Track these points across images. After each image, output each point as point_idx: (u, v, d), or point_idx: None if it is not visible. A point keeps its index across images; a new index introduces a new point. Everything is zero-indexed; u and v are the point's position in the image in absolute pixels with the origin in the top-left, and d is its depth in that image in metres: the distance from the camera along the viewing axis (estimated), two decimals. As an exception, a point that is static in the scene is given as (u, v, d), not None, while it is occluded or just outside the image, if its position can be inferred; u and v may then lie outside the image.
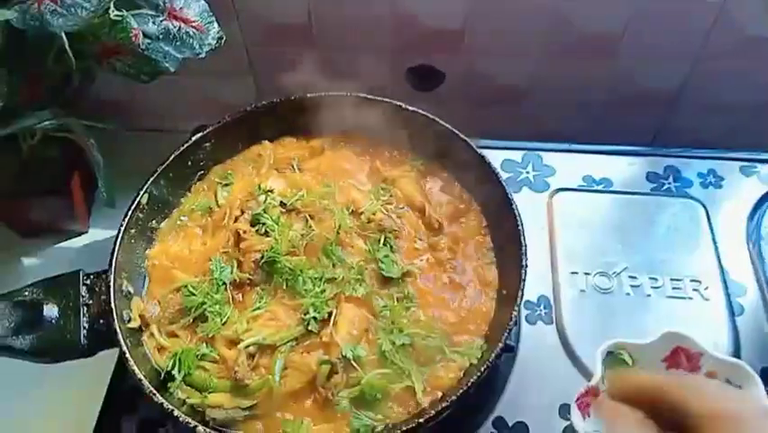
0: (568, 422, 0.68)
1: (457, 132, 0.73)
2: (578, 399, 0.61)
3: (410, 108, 0.75)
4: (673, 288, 0.76)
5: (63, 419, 0.74)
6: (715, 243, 0.80)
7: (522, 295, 0.62)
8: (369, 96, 0.76)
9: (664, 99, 0.97)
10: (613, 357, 0.63)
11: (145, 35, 0.73)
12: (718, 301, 0.75)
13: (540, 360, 0.72)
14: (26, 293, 0.62)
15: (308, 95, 0.76)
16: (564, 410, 0.69)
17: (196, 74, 0.93)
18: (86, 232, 0.96)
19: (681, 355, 0.64)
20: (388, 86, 0.94)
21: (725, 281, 0.77)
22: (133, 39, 0.71)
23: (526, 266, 0.64)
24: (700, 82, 0.94)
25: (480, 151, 0.72)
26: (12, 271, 0.90)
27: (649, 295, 0.76)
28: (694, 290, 0.76)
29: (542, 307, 0.76)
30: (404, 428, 0.56)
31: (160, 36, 0.74)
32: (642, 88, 0.96)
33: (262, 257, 0.67)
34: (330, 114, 0.77)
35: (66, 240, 0.95)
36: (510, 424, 0.68)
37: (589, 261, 0.79)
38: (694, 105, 0.97)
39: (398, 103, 0.75)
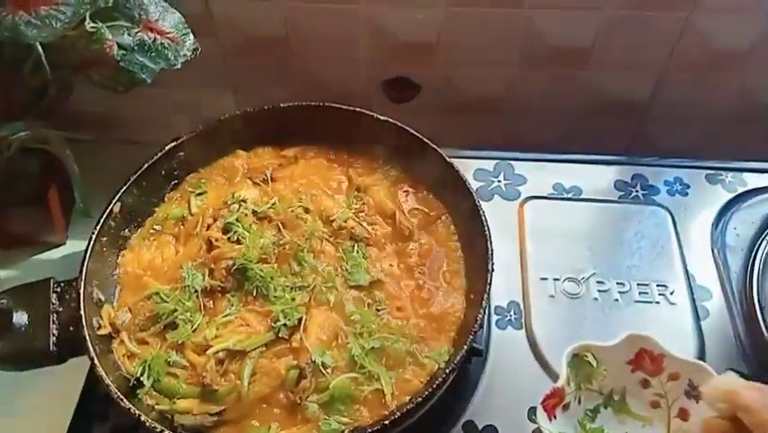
0: (537, 425, 0.69)
1: (428, 141, 0.74)
2: (544, 400, 0.62)
3: (382, 118, 0.76)
4: (640, 293, 0.78)
5: (35, 426, 0.74)
6: (681, 249, 0.82)
7: (488, 297, 0.64)
8: (341, 106, 0.77)
9: (635, 109, 0.99)
10: (579, 359, 0.65)
11: (120, 47, 0.74)
12: (684, 305, 0.77)
13: (510, 364, 0.73)
14: (-4, 301, 0.63)
15: (281, 104, 0.78)
16: (533, 413, 0.69)
17: (174, 86, 0.94)
18: (64, 243, 0.96)
19: (645, 357, 0.65)
20: (364, 97, 0.95)
21: (690, 286, 0.78)
22: (108, 50, 0.72)
23: (493, 270, 0.65)
24: (669, 93, 0.97)
25: (449, 160, 0.74)
26: (-13, 282, 0.90)
27: (617, 300, 0.77)
28: (660, 294, 0.78)
29: (512, 312, 0.77)
30: (370, 430, 0.57)
31: (135, 47, 0.75)
32: (612, 99, 0.98)
33: (234, 264, 0.68)
34: (303, 123, 0.79)
35: (43, 251, 0.95)
36: (480, 427, 0.69)
37: (559, 267, 0.80)
38: (663, 115, 1.00)
39: (370, 112, 0.77)
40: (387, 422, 0.57)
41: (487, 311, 0.71)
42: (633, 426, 0.65)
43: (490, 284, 0.65)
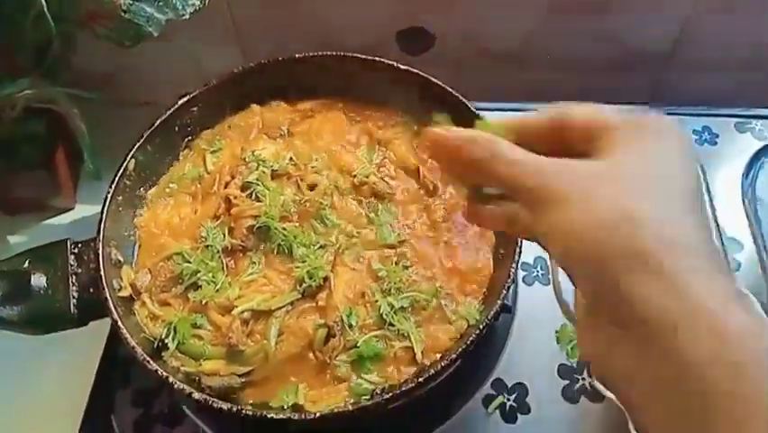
0: (567, 381, 0.68)
1: (452, 90, 0.71)
2: None
3: (402, 67, 0.73)
4: (670, 245, 0.76)
5: (56, 391, 0.73)
6: (710, 200, 0.79)
7: (519, 252, 0.61)
8: (360, 56, 0.74)
9: (658, 58, 0.96)
10: None
11: (127, -5, 0.71)
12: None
13: (537, 321, 0.71)
14: (12, 263, 0.61)
15: (297, 55, 0.74)
16: (563, 370, 0.68)
17: (181, 43, 0.91)
18: (73, 208, 0.94)
19: None
20: (378, 50, 0.92)
21: (721, 238, 0.76)
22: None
23: (523, 224, 0.63)
24: (693, 40, 0.93)
25: (475, 109, 0.71)
26: (-2, 248, 0.88)
27: (646, 253, 0.75)
28: (691, 246, 0.75)
29: (538, 268, 0.75)
30: (404, 388, 0.55)
31: (143, -3, 0.72)
32: (634, 47, 0.94)
33: (256, 223, 0.66)
34: (319, 75, 0.75)
35: (52, 216, 0.93)
36: (509, 385, 0.68)
37: (586, 221, 0.78)
38: (688, 62, 0.96)
39: (391, 62, 0.73)
40: (421, 379, 0.56)
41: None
42: None
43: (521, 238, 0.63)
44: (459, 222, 0.69)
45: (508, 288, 0.60)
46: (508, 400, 0.67)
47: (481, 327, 0.59)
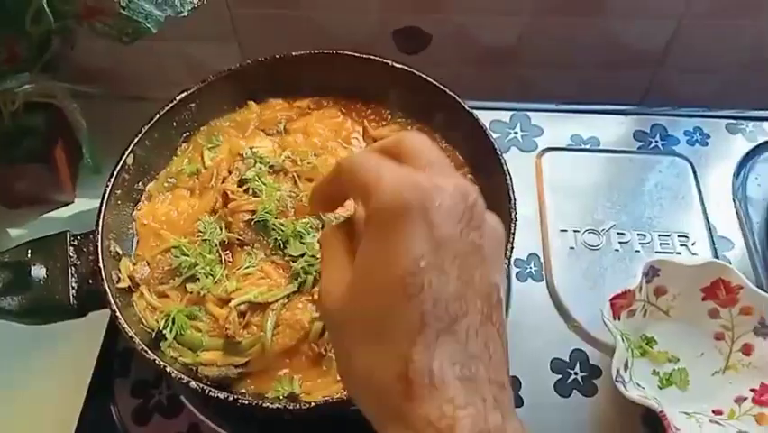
0: (559, 376, 0.69)
1: (445, 88, 0.72)
2: (613, 298, 0.63)
3: (398, 65, 0.74)
4: (661, 243, 0.77)
5: (58, 379, 0.74)
6: (702, 199, 0.81)
7: (512, 248, 0.62)
8: (356, 54, 0.75)
9: (651, 59, 0.97)
10: (653, 273, 0.65)
11: (126, -8, 0.71)
12: (705, 256, 0.76)
13: (530, 316, 0.73)
14: (12, 254, 0.61)
15: (294, 53, 0.75)
16: (556, 364, 0.69)
17: (179, 40, 0.92)
18: (73, 201, 0.95)
19: (721, 287, 0.65)
20: (374, 48, 0.93)
21: (711, 237, 0.78)
22: (114, -4, 0.70)
23: (516, 220, 0.64)
24: (686, 42, 0.94)
25: (468, 108, 0.72)
26: (-3, 241, 0.89)
27: (638, 251, 0.76)
28: (682, 245, 0.77)
29: (532, 264, 0.76)
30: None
31: (142, -6, 0.72)
32: (628, 47, 0.95)
33: (254, 218, 0.67)
34: (316, 72, 0.76)
35: (52, 210, 0.94)
36: (502, 379, 0.68)
37: (578, 218, 0.79)
38: (680, 64, 0.97)
39: (386, 60, 0.74)
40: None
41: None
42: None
43: (514, 234, 0.63)
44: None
45: (501, 282, 0.61)
46: (501, 393, 0.68)
47: (474, 320, 0.60)
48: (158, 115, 0.71)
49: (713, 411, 0.63)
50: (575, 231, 0.78)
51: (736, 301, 0.64)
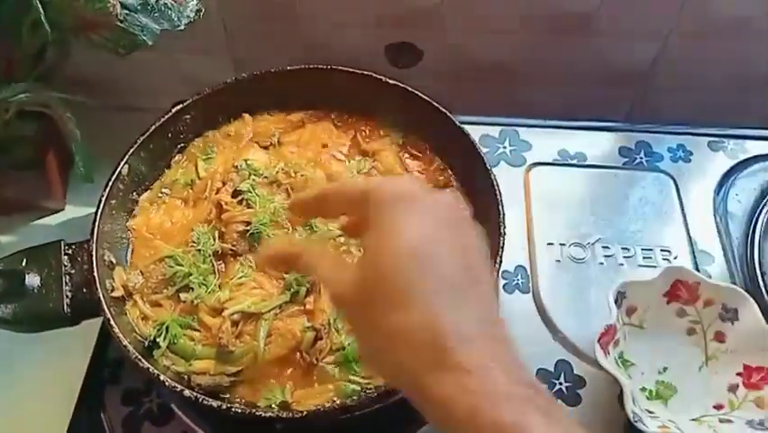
0: (544, 386, 0.70)
1: (437, 104, 0.74)
2: (599, 338, 0.64)
3: (391, 81, 0.75)
4: (644, 257, 0.79)
5: (49, 387, 0.74)
6: (684, 215, 0.83)
7: (500, 261, 0.64)
8: (349, 69, 0.76)
9: (637, 77, 1.00)
10: (621, 297, 0.68)
11: (123, 6, 0.72)
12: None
13: (517, 327, 0.73)
14: (7, 263, 0.62)
15: (288, 67, 0.76)
16: (541, 374, 0.71)
17: (174, 52, 0.93)
18: (63, 209, 0.95)
19: (681, 288, 0.68)
20: (367, 64, 0.94)
21: (693, 251, 0.80)
22: (111, 9, 0.71)
23: (505, 234, 0.66)
24: (670, 61, 0.97)
25: (459, 123, 0.74)
26: (-12, 247, 0.89)
27: (621, 264, 0.78)
28: (664, 259, 0.79)
29: (519, 276, 0.77)
30: (386, 389, 0.57)
31: (139, 7, 0.73)
32: (615, 66, 0.98)
33: (248, 229, 0.68)
34: (310, 87, 0.78)
35: (42, 217, 0.94)
36: (489, 388, 0.70)
37: (565, 232, 0.81)
38: (665, 83, 1.00)
39: (379, 76, 0.76)
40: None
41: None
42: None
43: (503, 248, 0.65)
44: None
45: (489, 294, 0.63)
46: (489, 401, 0.69)
47: (463, 331, 0.61)
48: (153, 126, 0.72)
49: (714, 407, 0.65)
50: (561, 244, 0.80)
51: (698, 297, 0.68)
